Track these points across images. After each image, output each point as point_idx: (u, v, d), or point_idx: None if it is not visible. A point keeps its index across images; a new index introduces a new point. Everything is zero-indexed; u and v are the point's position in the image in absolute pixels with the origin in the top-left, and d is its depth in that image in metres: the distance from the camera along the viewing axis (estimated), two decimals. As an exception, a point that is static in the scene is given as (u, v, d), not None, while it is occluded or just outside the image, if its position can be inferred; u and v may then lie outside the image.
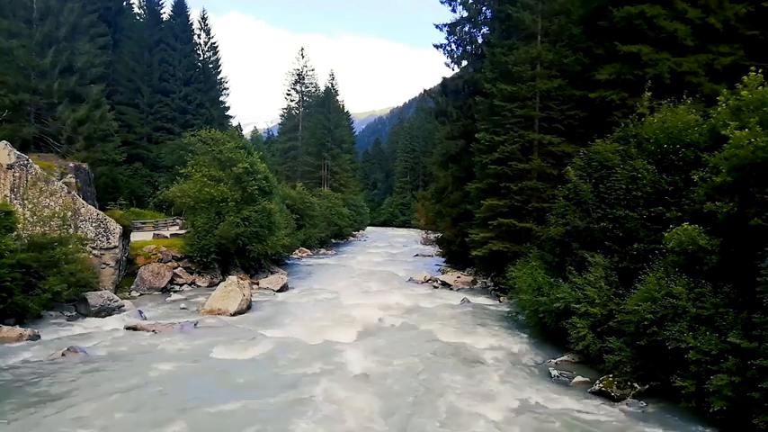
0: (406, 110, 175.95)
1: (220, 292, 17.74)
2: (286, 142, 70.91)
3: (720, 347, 8.50)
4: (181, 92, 45.59)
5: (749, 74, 10.30)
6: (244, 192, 24.43)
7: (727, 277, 9.33)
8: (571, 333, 11.95)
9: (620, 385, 10.18)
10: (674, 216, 10.99)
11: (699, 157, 11.03)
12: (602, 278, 11.93)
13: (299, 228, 38.31)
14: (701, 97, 14.75)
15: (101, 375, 10.56)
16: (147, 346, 12.94)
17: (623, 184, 12.35)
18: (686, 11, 16.63)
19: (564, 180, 14.96)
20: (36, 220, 16.86)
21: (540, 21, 21.76)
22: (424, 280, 26.22)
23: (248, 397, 9.63)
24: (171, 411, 8.85)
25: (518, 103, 20.80)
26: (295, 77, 70.12)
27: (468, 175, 25.22)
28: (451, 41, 29.33)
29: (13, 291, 13.78)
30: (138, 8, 49.21)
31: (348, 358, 12.25)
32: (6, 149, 17.87)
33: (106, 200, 26.94)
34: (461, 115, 28.73)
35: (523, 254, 17.71)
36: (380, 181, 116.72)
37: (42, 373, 10.53)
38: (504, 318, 17.28)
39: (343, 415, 9.00)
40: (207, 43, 50.52)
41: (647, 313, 9.70)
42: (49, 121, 28.34)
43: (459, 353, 13.22)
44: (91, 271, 17.42)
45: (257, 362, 12.02)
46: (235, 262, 24.70)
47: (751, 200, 9.01)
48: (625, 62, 17.15)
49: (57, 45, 28.47)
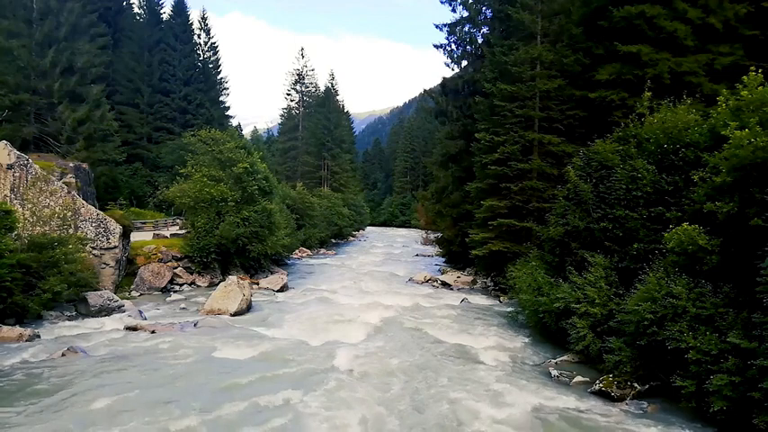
0: (406, 110, 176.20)
1: (220, 292, 17.74)
2: (286, 142, 70.93)
3: (720, 347, 8.50)
4: (181, 92, 45.62)
5: (749, 74, 10.30)
6: (244, 192, 24.43)
7: (727, 277, 9.33)
8: (571, 333, 11.95)
9: (620, 385, 10.17)
10: (673, 216, 11.00)
11: (699, 157, 11.04)
12: (602, 278, 11.94)
13: (299, 228, 38.33)
14: (700, 97, 14.76)
15: (101, 375, 10.54)
16: (146, 346, 12.92)
17: (623, 184, 12.36)
18: (686, 11, 16.65)
19: (564, 180, 14.97)
20: (36, 220, 16.85)
21: (539, 21, 21.79)
22: (424, 280, 26.23)
23: (248, 397, 9.61)
24: (171, 411, 8.84)
25: (518, 103, 20.81)
26: (295, 77, 70.17)
27: (469, 175, 25.23)
28: (451, 41, 29.38)
29: (13, 291, 13.78)
30: (138, 8, 49.26)
31: (348, 358, 12.23)
32: (6, 149, 17.87)
33: (106, 200, 26.94)
34: (461, 115, 28.75)
35: (523, 254, 17.72)
36: (380, 181, 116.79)
37: (42, 373, 10.52)
38: (504, 318, 17.28)
39: (343, 415, 8.99)
40: (207, 43, 50.55)
41: (647, 313, 9.70)
42: (49, 121, 28.35)
43: (459, 353, 13.21)
44: (91, 271, 17.42)
45: (257, 362, 12.01)
46: (235, 262, 24.70)
47: (751, 200, 9.01)
48: (625, 62, 17.17)
49: (57, 45, 28.47)
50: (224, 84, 52.88)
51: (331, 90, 70.56)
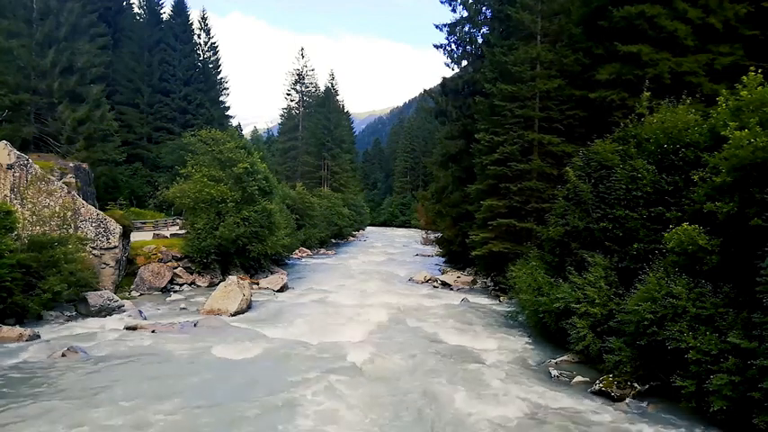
0: (406, 110, 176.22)
1: (220, 292, 17.74)
2: (286, 142, 70.91)
3: (720, 347, 8.50)
4: (181, 92, 45.62)
5: (749, 74, 10.30)
6: (244, 192, 24.42)
7: (727, 277, 9.33)
8: (571, 333, 11.95)
9: (620, 385, 10.17)
10: (674, 216, 11.00)
11: (699, 157, 11.04)
12: (602, 278, 11.94)
13: (299, 228, 38.33)
14: (700, 97, 14.75)
15: (101, 375, 10.55)
16: (146, 346, 12.92)
17: (623, 184, 12.36)
18: (686, 11, 16.64)
19: (564, 180, 14.96)
20: (36, 220, 16.86)
21: (539, 21, 21.79)
22: (425, 280, 26.23)
23: (248, 397, 9.62)
24: (171, 411, 8.84)
25: (518, 103, 20.80)
26: (295, 77, 70.15)
27: (468, 176, 25.23)
28: (451, 41, 29.39)
29: (13, 291, 13.77)
30: (138, 8, 49.25)
31: (348, 358, 12.24)
32: (6, 149, 17.86)
33: (106, 200, 26.93)
34: (461, 115, 28.76)
35: (523, 254, 17.71)
36: (380, 181, 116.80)
37: (42, 374, 10.52)
38: (504, 318, 17.28)
39: (343, 415, 9.00)
40: (207, 43, 50.54)
41: (647, 313, 9.70)
42: (49, 121, 28.35)
43: (459, 353, 13.22)
44: (91, 271, 17.41)
45: (257, 362, 12.01)
46: (235, 262, 24.69)
47: (751, 200, 9.01)
48: (625, 62, 17.16)
49: (57, 45, 28.46)
50: (224, 84, 52.89)
51: (331, 90, 70.53)
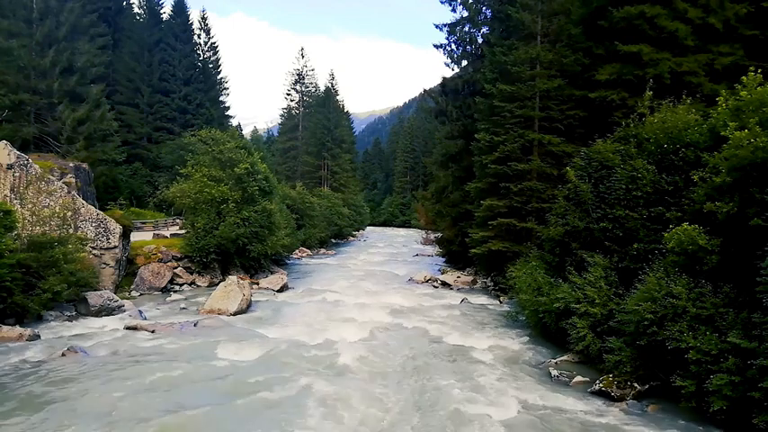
0: (406, 110, 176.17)
1: (220, 291, 17.74)
2: (286, 142, 70.95)
3: (720, 347, 8.50)
4: (181, 92, 45.62)
5: (749, 74, 10.30)
6: (244, 192, 24.43)
7: (727, 277, 9.32)
8: (571, 333, 11.95)
9: (620, 385, 10.17)
10: (674, 216, 10.99)
11: (699, 157, 11.03)
12: (602, 278, 11.93)
13: (299, 228, 38.32)
14: (700, 97, 14.76)
15: (101, 375, 10.55)
16: (146, 346, 12.92)
17: (623, 184, 12.35)
18: (686, 11, 16.63)
19: (564, 180, 14.96)
20: (36, 220, 16.85)
21: (539, 21, 21.78)
22: (424, 280, 26.22)
23: (248, 396, 9.62)
24: (171, 411, 8.84)
25: (518, 103, 20.79)
26: (295, 77, 70.23)
27: (468, 175, 25.22)
28: (451, 41, 29.38)
29: (13, 291, 13.77)
30: (138, 8, 49.30)
31: (348, 358, 12.24)
32: (6, 149, 17.86)
33: (106, 200, 26.95)
34: (461, 115, 28.75)
35: (523, 254, 17.71)
36: (380, 181, 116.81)
37: (42, 373, 10.52)
38: (504, 318, 17.27)
39: (343, 415, 9.00)
40: (207, 43, 50.61)
41: (647, 313, 9.69)
42: (49, 121, 28.34)
43: (459, 353, 13.21)
44: (91, 271, 17.41)
45: (257, 361, 12.01)
46: (235, 262, 24.69)
47: (751, 200, 9.01)
48: (625, 62, 17.15)
49: (57, 45, 28.46)
50: (224, 84, 52.95)
51: (331, 90, 70.54)
